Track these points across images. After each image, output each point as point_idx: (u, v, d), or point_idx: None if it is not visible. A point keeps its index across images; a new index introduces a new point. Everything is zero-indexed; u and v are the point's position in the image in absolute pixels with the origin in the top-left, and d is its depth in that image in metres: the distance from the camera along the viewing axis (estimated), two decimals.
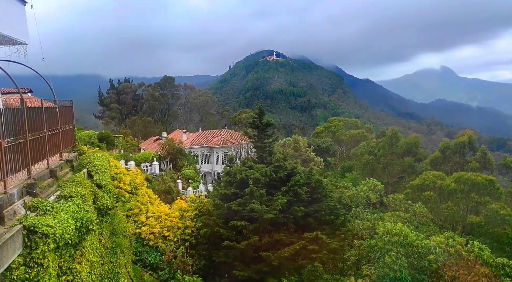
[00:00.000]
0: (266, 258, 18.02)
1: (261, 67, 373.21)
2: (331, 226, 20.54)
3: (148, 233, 20.03)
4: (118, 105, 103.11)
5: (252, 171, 20.08)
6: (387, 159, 53.68)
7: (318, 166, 50.92)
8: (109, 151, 48.56)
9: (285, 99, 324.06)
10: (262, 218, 18.20)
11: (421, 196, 32.85)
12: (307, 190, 19.58)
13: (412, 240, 23.14)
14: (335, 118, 78.09)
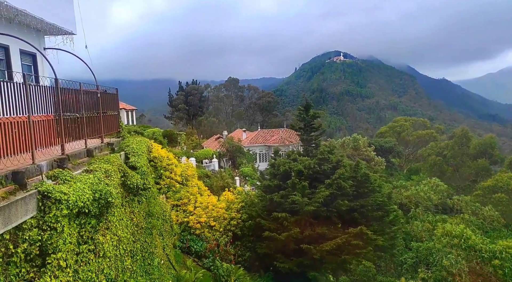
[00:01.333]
0: (308, 251, 17.72)
1: (327, 69, 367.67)
2: (380, 223, 19.57)
3: (195, 222, 20.73)
4: (185, 106, 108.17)
5: (296, 163, 19.89)
6: (456, 160, 49.67)
7: (379, 166, 48.84)
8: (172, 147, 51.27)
9: (352, 101, 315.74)
10: (303, 210, 17.94)
11: (491, 199, 29.86)
12: (352, 184, 18.87)
13: (474, 243, 21.35)
14: (401, 118, 74.05)
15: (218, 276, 15.06)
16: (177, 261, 16.73)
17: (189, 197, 22.30)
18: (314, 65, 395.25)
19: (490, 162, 49.76)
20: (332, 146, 20.76)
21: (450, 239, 21.93)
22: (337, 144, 52.10)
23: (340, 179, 18.47)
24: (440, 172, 53.67)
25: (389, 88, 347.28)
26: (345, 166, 19.35)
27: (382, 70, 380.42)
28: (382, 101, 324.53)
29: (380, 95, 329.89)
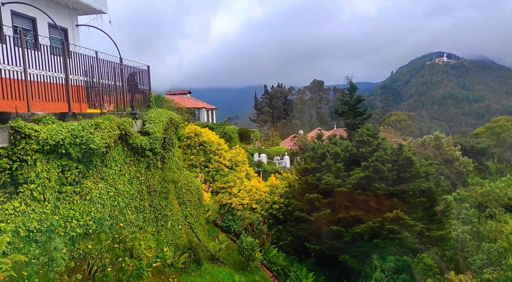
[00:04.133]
0: (339, 234, 17.33)
1: (428, 71, 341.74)
2: (426, 211, 18.15)
3: (238, 204, 21.64)
4: (269, 109, 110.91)
5: (334, 146, 19.54)
6: None
7: (465, 167, 44.36)
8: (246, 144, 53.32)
9: (456, 105, 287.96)
10: (336, 192, 17.59)
11: None
12: (392, 168, 17.85)
13: None
14: (502, 117, 65.61)
15: (242, 248, 15.63)
16: (210, 235, 17.78)
17: (236, 180, 23.33)
18: (412, 68, 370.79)
19: None
20: (376, 130, 19.88)
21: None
22: (416, 143, 48.59)
23: (377, 162, 17.67)
24: None
25: (502, 91, 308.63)
26: (385, 149, 18.42)
27: (494, 70, 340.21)
28: (493, 105, 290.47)
29: (491, 98, 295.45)
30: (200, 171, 22.71)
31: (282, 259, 18.47)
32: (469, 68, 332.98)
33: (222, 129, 43.64)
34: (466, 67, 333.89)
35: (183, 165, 15.34)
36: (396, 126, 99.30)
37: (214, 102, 56.56)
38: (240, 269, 15.63)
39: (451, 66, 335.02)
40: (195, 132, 23.13)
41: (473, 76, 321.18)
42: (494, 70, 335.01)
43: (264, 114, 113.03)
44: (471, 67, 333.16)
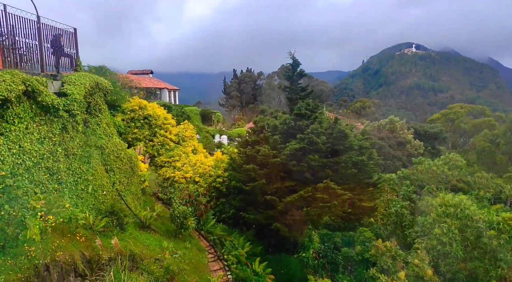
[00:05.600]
0: (273, 203, 17.78)
1: (397, 61, 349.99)
2: (358, 182, 18.87)
3: (181, 177, 21.72)
4: (238, 93, 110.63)
5: (273, 119, 19.89)
6: (508, 146, 44.95)
7: (416, 149, 46.12)
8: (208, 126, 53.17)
9: (423, 95, 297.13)
10: (271, 163, 17.97)
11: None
12: (327, 140, 18.39)
13: (472, 213, 19.72)
14: (457, 104, 68.37)
15: (174, 216, 15.78)
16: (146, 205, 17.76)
17: (181, 155, 23.34)
18: (382, 58, 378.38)
19: None
20: (316, 105, 20.33)
21: (446, 208, 20.39)
22: (372, 126, 50.00)
23: (313, 134, 18.12)
24: (492, 162, 49.06)
25: (466, 82, 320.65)
26: (321, 122, 18.92)
27: (460, 62, 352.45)
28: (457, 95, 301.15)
29: (455, 89, 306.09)
30: (144, 144, 22.58)
31: (219, 229, 18.78)
32: (436, 59, 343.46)
33: (180, 109, 43.31)
34: (433, 58, 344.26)
35: (112, 131, 15.18)
36: (361, 113, 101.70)
37: (187, 88, 55.79)
38: (172, 237, 15.80)
39: (419, 57, 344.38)
40: (139, 105, 22.88)
41: (440, 67, 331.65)
42: (459, 61, 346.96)
43: (232, 99, 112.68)
44: (437, 58, 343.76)
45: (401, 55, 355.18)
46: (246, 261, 17.42)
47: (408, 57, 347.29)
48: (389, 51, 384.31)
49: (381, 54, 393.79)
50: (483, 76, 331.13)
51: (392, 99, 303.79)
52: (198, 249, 16.16)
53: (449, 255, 19.67)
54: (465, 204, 20.15)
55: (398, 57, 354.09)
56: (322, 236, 26.38)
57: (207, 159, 23.02)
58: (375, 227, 27.26)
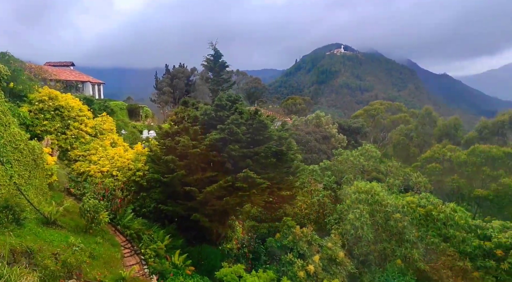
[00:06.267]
0: (193, 194, 17.58)
1: (327, 61, 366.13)
2: (278, 172, 19.33)
3: (97, 171, 20.59)
4: (170, 89, 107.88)
5: (195, 110, 19.68)
6: (419, 139, 49.26)
7: (340, 143, 48.58)
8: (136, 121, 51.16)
9: (351, 94, 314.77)
10: (191, 154, 17.74)
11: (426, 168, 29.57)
12: (247, 131, 18.61)
13: (381, 199, 21.20)
14: (377, 101, 73.50)
15: (83, 211, 14.88)
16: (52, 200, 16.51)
17: (98, 148, 22.14)
18: (314, 57, 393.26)
19: (453, 142, 49.25)
20: (238, 97, 20.46)
21: (359, 195, 21.74)
22: (300, 121, 51.80)
23: (233, 124, 18.20)
24: (406, 154, 53.35)
25: (388, 82, 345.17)
26: (241, 113, 19.09)
27: (383, 63, 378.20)
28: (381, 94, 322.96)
29: (379, 88, 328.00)
30: (56, 137, 21.03)
31: (137, 224, 18.11)
32: (362, 60, 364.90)
33: (103, 103, 41.11)
34: (360, 59, 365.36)
35: (10, 121, 13.88)
36: (292, 109, 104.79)
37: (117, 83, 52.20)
38: (82, 232, 14.90)
39: (347, 57, 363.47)
40: (49, 95, 21.24)
41: (365, 67, 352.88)
42: (382, 63, 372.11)
43: (165, 94, 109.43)
44: (363, 59, 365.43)
45: (331, 55, 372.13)
46: (166, 254, 17.01)
47: (337, 58, 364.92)
48: (320, 51, 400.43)
49: (313, 54, 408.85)
50: (403, 77, 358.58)
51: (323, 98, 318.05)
52: (111, 244, 15.41)
53: (361, 238, 21.05)
54: (376, 190, 21.67)
55: (328, 57, 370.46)
56: (250, 227, 26.75)
57: (126, 152, 22.07)
58: (299, 216, 28.26)
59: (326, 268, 17.67)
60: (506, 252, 17.48)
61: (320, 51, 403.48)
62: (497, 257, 17.70)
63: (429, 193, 27.52)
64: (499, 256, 17.53)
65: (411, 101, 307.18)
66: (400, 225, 19.84)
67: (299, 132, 49.04)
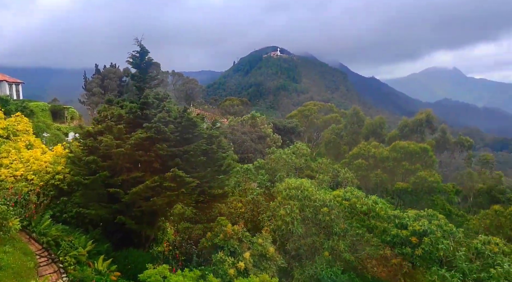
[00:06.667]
0: (117, 196, 16.76)
1: (264, 63, 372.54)
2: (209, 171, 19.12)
3: (9, 175, 18.81)
4: (101, 90, 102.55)
5: (120, 108, 18.82)
6: (348, 138, 51.99)
7: (275, 142, 49.49)
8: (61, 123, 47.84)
9: (288, 96, 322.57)
10: (115, 154, 16.90)
11: (353, 164, 31.32)
12: (176, 129, 18.18)
13: (310, 194, 21.85)
14: (310, 102, 76.38)
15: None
16: None
17: (11, 151, 20.27)
18: (252, 59, 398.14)
19: (379, 140, 52.65)
20: (166, 95, 19.94)
21: (289, 191, 22.27)
22: (236, 121, 52.03)
23: (160, 123, 17.65)
24: (337, 152, 55.84)
25: (322, 85, 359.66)
26: (169, 111, 18.61)
27: (317, 66, 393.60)
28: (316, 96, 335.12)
29: (314, 91, 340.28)
30: None
31: (56, 230, 16.82)
32: (298, 63, 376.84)
33: (21, 103, 37.90)
34: (296, 62, 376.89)
35: None
36: (229, 110, 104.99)
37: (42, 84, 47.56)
38: None
39: (283, 60, 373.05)
40: None
41: (300, 70, 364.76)
42: (316, 66, 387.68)
43: (95, 95, 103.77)
44: (299, 62, 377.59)
45: (268, 58, 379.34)
46: (88, 261, 16.01)
47: (274, 60, 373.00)
48: (257, 53, 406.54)
49: (250, 56, 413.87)
50: (335, 80, 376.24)
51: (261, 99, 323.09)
52: (23, 253, 14.14)
53: (293, 233, 21.58)
54: (305, 186, 22.36)
55: (265, 60, 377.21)
56: (184, 229, 26.20)
57: (44, 155, 20.46)
58: (234, 215, 28.27)
59: (257, 264, 17.82)
60: (420, 238, 18.95)
61: (257, 54, 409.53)
62: (412, 244, 19.12)
63: (356, 187, 29.08)
64: (414, 243, 18.96)
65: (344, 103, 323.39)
66: (327, 218, 20.64)
67: (235, 132, 49.24)
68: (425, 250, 18.36)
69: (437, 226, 19.02)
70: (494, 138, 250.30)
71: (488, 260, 17.60)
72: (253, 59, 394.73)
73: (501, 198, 38.77)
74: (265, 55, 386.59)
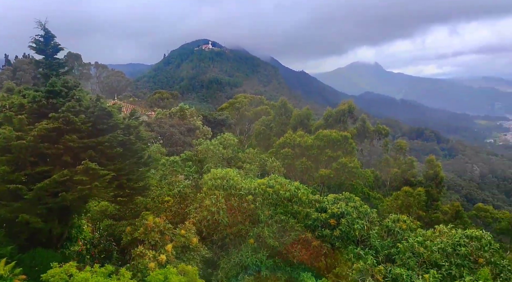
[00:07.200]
0: (19, 192, 15.24)
1: (196, 56, 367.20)
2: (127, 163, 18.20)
3: None
4: (13, 82, 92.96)
5: (22, 98, 17.12)
6: (277, 129, 53.21)
7: (205, 135, 48.93)
8: None
9: (221, 89, 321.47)
10: (16, 147, 15.33)
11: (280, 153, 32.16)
12: (88, 119, 16.98)
13: (235, 183, 21.81)
14: (241, 95, 76.85)
15: None
16: None
17: None
18: (183, 52, 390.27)
19: (306, 130, 54.55)
20: (77, 83, 18.52)
21: (215, 181, 22.07)
22: (164, 113, 50.55)
23: (69, 112, 16.34)
24: (267, 143, 56.78)
25: (255, 78, 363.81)
26: (80, 100, 17.33)
27: (249, 60, 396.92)
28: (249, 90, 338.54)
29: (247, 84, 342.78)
30: None
31: None
32: (230, 56, 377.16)
33: None
34: (228, 56, 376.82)
35: None
36: (159, 104, 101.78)
37: None
38: None
39: (216, 53, 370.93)
40: None
41: (233, 64, 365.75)
42: (249, 60, 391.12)
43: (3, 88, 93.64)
44: (231, 56, 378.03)
45: (200, 51, 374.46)
46: None
47: (206, 53, 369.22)
48: (189, 46, 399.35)
49: (181, 49, 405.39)
50: (267, 73, 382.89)
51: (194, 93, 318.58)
52: None
53: (219, 223, 21.45)
54: (230, 175, 22.31)
55: (197, 53, 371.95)
56: (106, 227, 24.84)
57: None
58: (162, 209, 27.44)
59: (180, 256, 17.42)
60: (338, 220, 19.93)
61: (188, 47, 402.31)
62: (331, 226, 20.05)
63: (283, 175, 29.76)
64: (332, 225, 19.89)
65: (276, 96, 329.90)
66: (252, 206, 20.83)
67: (163, 125, 47.80)
68: (342, 230, 19.36)
69: (353, 208, 20.16)
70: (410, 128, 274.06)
71: (398, 236, 19.05)
72: (184, 52, 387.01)
73: (413, 181, 42.48)
74: (196, 48, 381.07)
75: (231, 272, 20.09)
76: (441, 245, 16.03)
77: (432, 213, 37.83)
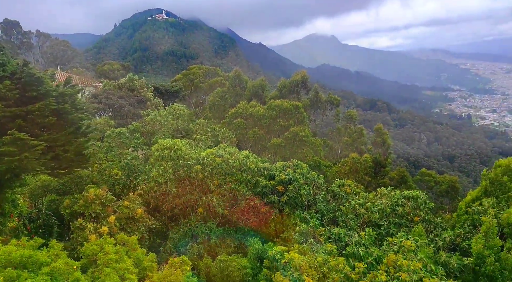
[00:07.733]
0: None
1: (150, 27, 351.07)
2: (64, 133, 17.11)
3: None
4: None
5: None
6: (232, 100, 52.55)
7: (156, 106, 47.34)
8: None
9: (177, 61, 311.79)
10: None
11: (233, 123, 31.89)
12: (15, 86, 15.62)
13: (184, 153, 21.30)
14: (195, 66, 74.67)
15: None
16: None
17: None
18: (135, 22, 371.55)
19: (261, 101, 54.32)
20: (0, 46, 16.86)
21: (162, 151, 21.46)
22: (112, 84, 48.14)
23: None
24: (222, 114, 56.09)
25: (212, 50, 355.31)
26: (3, 65, 15.84)
27: (205, 31, 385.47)
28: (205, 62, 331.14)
29: (204, 56, 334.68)
30: None
31: None
32: (185, 27, 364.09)
33: None
34: (183, 26, 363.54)
35: None
36: (109, 76, 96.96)
37: None
38: None
39: (170, 24, 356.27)
40: None
41: (189, 35, 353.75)
42: (205, 31, 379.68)
43: None
44: (187, 27, 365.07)
45: (153, 21, 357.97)
46: None
47: (160, 23, 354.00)
48: (141, 16, 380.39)
49: (133, 19, 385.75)
50: (224, 45, 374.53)
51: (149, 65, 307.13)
52: None
53: (168, 193, 21.05)
54: (178, 146, 21.77)
55: (150, 23, 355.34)
56: (49, 202, 23.72)
57: None
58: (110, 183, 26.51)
59: (124, 227, 16.95)
60: (286, 187, 20.18)
61: (140, 16, 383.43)
62: (279, 193, 20.29)
63: (236, 145, 29.55)
64: (280, 191, 20.13)
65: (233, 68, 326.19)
66: (201, 176, 20.54)
67: (111, 97, 45.62)
68: (289, 196, 19.67)
69: (300, 174, 20.45)
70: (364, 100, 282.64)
71: (342, 200, 19.67)
72: (136, 22, 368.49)
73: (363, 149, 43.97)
74: (149, 18, 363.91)
75: (180, 241, 19.96)
76: (381, 206, 16.73)
77: (380, 179, 39.55)
